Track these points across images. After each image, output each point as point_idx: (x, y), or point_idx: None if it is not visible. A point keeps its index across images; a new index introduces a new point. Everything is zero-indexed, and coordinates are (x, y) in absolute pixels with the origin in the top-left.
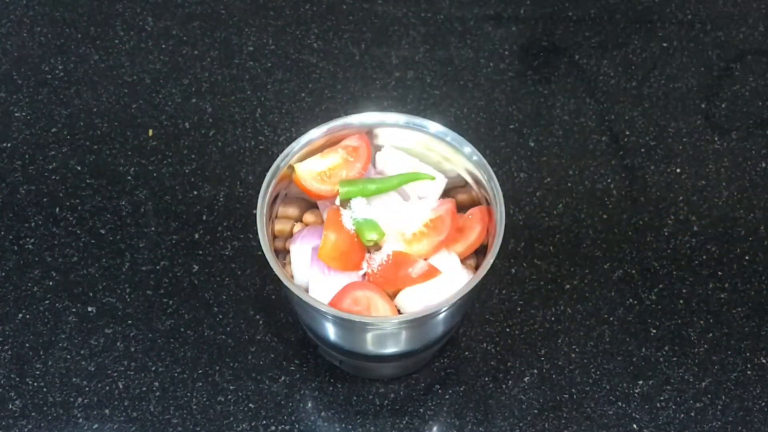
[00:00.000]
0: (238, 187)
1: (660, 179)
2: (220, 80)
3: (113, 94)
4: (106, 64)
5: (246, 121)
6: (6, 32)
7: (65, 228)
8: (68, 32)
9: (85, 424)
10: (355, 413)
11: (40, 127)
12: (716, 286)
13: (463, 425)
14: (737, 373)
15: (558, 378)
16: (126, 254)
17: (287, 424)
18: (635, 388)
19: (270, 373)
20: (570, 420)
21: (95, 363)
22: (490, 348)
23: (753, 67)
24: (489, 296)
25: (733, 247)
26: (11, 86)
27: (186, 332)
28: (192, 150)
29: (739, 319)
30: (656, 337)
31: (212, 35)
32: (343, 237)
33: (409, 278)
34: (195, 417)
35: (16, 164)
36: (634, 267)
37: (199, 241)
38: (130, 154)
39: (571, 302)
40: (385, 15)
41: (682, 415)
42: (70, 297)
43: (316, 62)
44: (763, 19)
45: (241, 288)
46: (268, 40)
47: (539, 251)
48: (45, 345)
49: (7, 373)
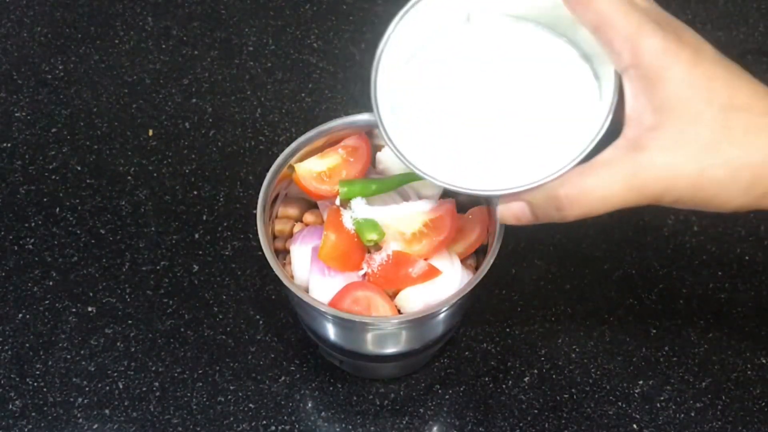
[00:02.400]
0: (238, 187)
1: None
2: (220, 80)
3: (113, 94)
4: (106, 64)
5: (246, 121)
6: (6, 32)
7: (65, 228)
8: (68, 32)
9: (85, 424)
10: (355, 413)
11: (40, 127)
12: (716, 286)
13: (463, 425)
14: (737, 373)
15: (558, 378)
16: (126, 254)
17: (287, 424)
18: (635, 388)
19: (270, 373)
20: (570, 420)
21: (95, 363)
22: (490, 348)
23: (753, 67)
24: (489, 296)
25: (733, 247)
26: (11, 86)
27: (186, 332)
28: (192, 150)
29: (739, 319)
30: (656, 337)
31: (212, 35)
32: (343, 237)
33: (409, 278)
34: (195, 417)
35: (16, 164)
36: (634, 267)
37: (199, 241)
38: (130, 154)
39: (571, 302)
40: (385, 15)
41: (682, 415)
42: (70, 297)
43: (316, 62)
44: (763, 19)
45: (241, 288)
46: (268, 40)
47: (539, 251)
48: (45, 345)
49: (7, 373)
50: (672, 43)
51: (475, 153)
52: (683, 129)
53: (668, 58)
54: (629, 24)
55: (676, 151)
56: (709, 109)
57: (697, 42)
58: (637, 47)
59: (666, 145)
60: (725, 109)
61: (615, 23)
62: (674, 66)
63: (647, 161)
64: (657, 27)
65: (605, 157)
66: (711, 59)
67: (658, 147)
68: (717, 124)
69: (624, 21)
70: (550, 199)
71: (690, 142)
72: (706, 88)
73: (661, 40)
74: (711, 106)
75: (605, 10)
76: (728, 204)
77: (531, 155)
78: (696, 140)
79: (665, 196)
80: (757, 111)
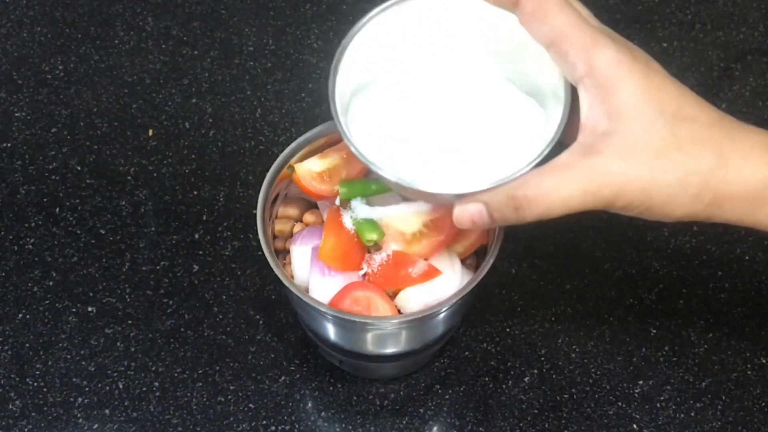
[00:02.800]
0: (238, 187)
1: None
2: (220, 80)
3: (113, 94)
4: (106, 64)
5: (246, 121)
6: (6, 32)
7: (65, 228)
8: (68, 32)
9: (85, 424)
10: (355, 413)
11: (40, 127)
12: (716, 286)
13: (463, 425)
14: (737, 373)
15: (558, 378)
16: (126, 254)
17: (287, 424)
18: (635, 388)
19: (270, 373)
20: (570, 420)
21: (95, 363)
22: (490, 348)
23: (753, 67)
24: (489, 296)
25: (733, 247)
26: (11, 86)
27: (186, 332)
28: (192, 150)
29: (739, 319)
30: (656, 337)
31: (212, 35)
32: (343, 237)
33: (409, 278)
34: (195, 417)
35: (16, 164)
36: (634, 267)
37: (199, 241)
38: (130, 154)
39: (571, 302)
40: None
41: (682, 415)
42: (70, 297)
43: (316, 62)
44: (763, 19)
45: (241, 288)
46: (268, 40)
47: (539, 251)
48: (45, 345)
49: (7, 373)
50: (625, 56)
51: (435, 159)
52: (636, 135)
53: (622, 69)
54: (584, 37)
55: (630, 157)
56: (661, 117)
57: (647, 58)
58: (592, 58)
59: (620, 151)
60: (675, 119)
61: (570, 37)
62: (628, 76)
63: (602, 166)
64: (610, 41)
65: (562, 160)
66: (661, 73)
67: (612, 152)
68: (667, 132)
69: (579, 34)
70: (509, 200)
71: (643, 149)
72: (658, 98)
73: (615, 53)
74: (662, 115)
75: (560, 24)
76: (675, 211)
77: (487, 162)
78: (648, 147)
79: (617, 201)
80: (703, 122)
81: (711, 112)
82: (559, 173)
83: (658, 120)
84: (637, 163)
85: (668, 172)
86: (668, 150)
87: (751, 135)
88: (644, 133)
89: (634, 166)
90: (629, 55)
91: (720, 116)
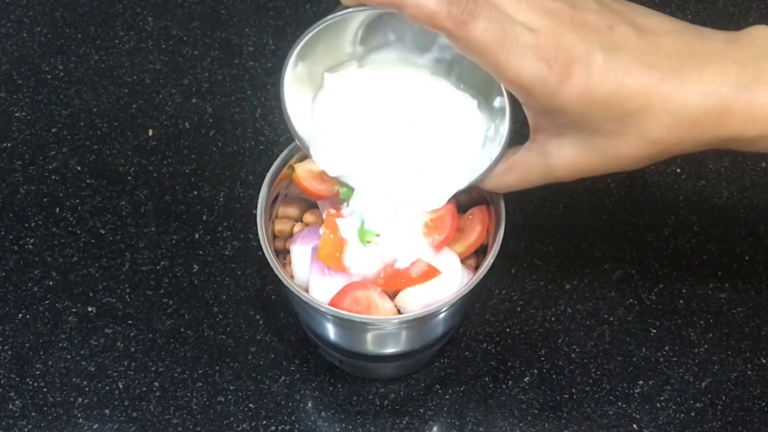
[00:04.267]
0: (238, 187)
1: (660, 179)
2: (220, 80)
3: (113, 94)
4: (106, 64)
5: (246, 121)
6: (6, 32)
7: (65, 228)
8: (68, 32)
9: (85, 424)
10: (355, 413)
11: (40, 127)
12: (716, 286)
13: (463, 425)
14: (737, 373)
15: (558, 378)
16: (126, 254)
17: (287, 424)
18: (635, 388)
19: (270, 373)
20: (570, 420)
21: (95, 363)
22: (490, 348)
23: None
24: (489, 296)
25: (733, 247)
26: (11, 86)
27: (186, 332)
28: (192, 150)
29: (739, 319)
30: (656, 337)
31: (212, 35)
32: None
33: (409, 278)
34: (195, 417)
35: (16, 164)
36: (634, 267)
37: (199, 241)
38: (130, 154)
39: (571, 302)
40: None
41: (682, 415)
42: (70, 297)
43: None
44: (763, 19)
45: (241, 288)
46: (268, 40)
47: (539, 251)
48: (45, 345)
49: (7, 373)
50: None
51: (392, 167)
52: (584, 137)
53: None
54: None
55: (581, 152)
56: (607, 122)
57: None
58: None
59: (570, 150)
60: (622, 118)
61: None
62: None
63: (555, 163)
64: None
65: (519, 158)
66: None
67: (564, 153)
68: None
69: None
70: None
71: (592, 146)
72: (602, 108)
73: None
74: (608, 120)
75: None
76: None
77: (443, 166)
78: (597, 146)
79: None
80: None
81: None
82: (519, 171)
83: (605, 124)
84: (588, 153)
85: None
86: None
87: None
88: (592, 136)
89: (586, 156)
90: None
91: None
